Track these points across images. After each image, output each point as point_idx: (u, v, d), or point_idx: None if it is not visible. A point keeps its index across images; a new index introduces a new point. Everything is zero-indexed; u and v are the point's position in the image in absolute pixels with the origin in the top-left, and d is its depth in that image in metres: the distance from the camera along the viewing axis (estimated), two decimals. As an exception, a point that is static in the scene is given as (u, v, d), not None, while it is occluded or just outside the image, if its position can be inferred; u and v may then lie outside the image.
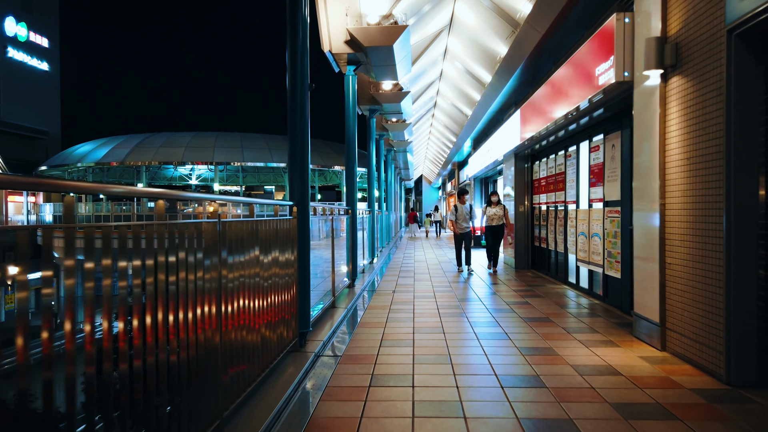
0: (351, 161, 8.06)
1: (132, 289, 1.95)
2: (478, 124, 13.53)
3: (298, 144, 4.36)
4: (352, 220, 7.88)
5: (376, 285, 8.66)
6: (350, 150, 8.05)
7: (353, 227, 7.91)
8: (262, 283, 3.34)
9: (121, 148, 34.62)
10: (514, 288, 8.15)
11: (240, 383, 2.91)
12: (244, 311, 3.00)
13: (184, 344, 2.22)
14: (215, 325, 2.54)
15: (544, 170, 9.66)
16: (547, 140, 9.15)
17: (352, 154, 8.06)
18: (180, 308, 2.17)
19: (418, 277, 9.51)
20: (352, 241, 7.86)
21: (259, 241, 3.27)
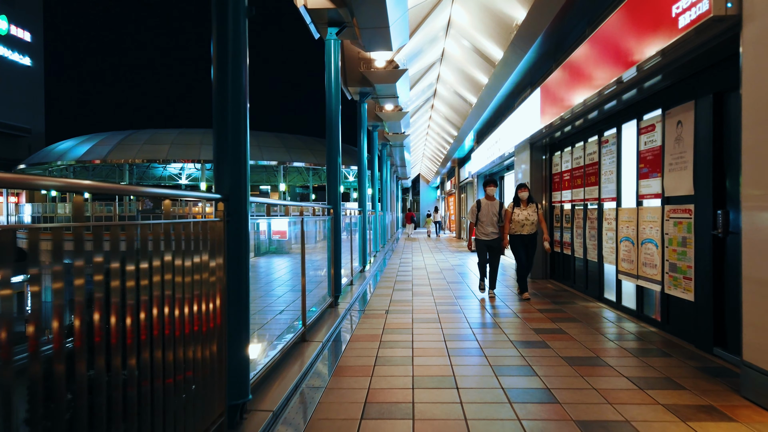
0: (333, 150, 6.44)
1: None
2: (483, 112, 11.92)
3: (230, 104, 2.75)
4: (334, 222, 6.26)
5: (366, 301, 7.05)
6: (332, 134, 6.43)
7: (336, 231, 6.29)
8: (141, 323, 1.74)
9: (102, 145, 32.89)
10: (538, 306, 6.55)
11: None
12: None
13: None
14: None
15: (567, 162, 8.06)
16: (572, 125, 7.57)
17: (335, 140, 6.44)
18: None
19: (417, 290, 7.90)
20: (334, 249, 6.24)
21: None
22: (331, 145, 6.42)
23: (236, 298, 2.72)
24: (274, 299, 5.76)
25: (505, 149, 10.74)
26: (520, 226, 7.07)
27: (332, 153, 6.42)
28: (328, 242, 6.26)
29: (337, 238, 6.30)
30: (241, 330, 2.76)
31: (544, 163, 9.14)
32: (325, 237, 6.34)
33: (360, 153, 10.05)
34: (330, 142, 6.42)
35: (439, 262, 12.46)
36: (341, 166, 6.43)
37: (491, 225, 7.17)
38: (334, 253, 6.24)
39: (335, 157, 6.46)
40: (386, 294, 7.62)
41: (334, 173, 6.45)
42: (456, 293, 7.68)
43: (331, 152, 6.43)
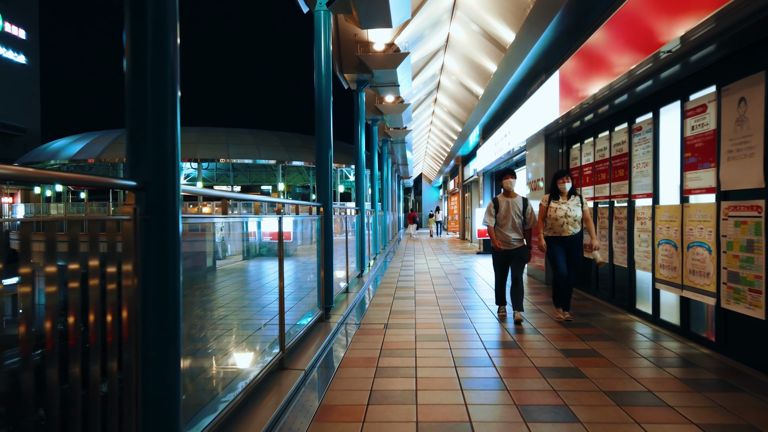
0: (323, 140, 5.57)
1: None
2: (491, 105, 11.05)
3: (150, 43, 1.88)
4: (324, 222, 5.40)
5: (363, 312, 6.19)
6: (322, 122, 5.56)
7: (326, 233, 5.43)
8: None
9: (97, 143, 32.08)
10: (535, 301, 5.68)
11: None
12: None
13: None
14: None
15: (588, 155, 7.19)
16: (594, 113, 6.70)
17: (325, 128, 5.57)
18: None
19: (420, 299, 7.04)
20: (324, 254, 5.38)
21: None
22: (321, 134, 5.56)
23: (159, 329, 1.86)
24: (252, 314, 4.92)
25: (515, 143, 9.87)
26: (560, 225, 5.50)
27: (323, 144, 5.56)
28: (318, 245, 5.40)
29: (328, 241, 5.44)
30: (166, 371, 1.89)
31: (560, 157, 8.26)
32: (316, 239, 5.48)
33: (357, 147, 9.19)
34: (320, 132, 5.56)
35: (443, 265, 11.59)
36: (332, 162, 5.57)
37: (513, 229, 5.62)
38: (325, 258, 5.38)
39: (326, 150, 5.60)
40: (386, 303, 6.76)
41: (325, 167, 5.59)
42: (464, 302, 6.81)
43: (322, 143, 5.57)
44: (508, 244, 5.68)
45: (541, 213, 5.75)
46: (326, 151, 5.56)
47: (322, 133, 5.54)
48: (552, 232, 5.61)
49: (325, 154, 5.55)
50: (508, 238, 5.67)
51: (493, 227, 5.76)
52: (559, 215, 5.55)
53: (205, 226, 5.86)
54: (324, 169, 5.54)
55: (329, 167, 5.57)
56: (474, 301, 6.92)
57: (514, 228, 5.65)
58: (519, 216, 5.67)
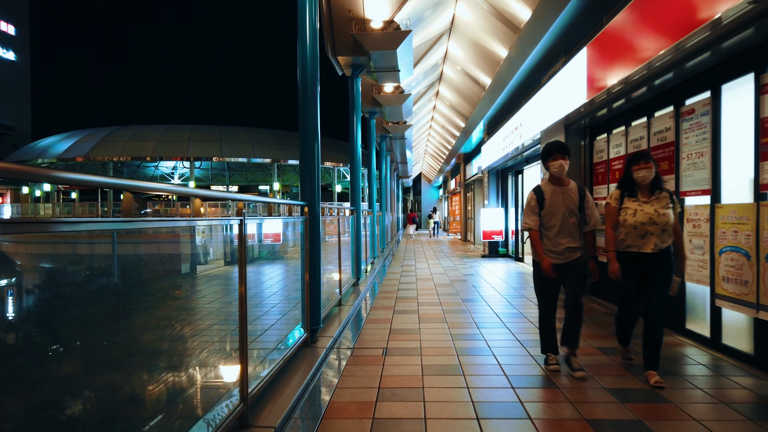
0: (309, 126, 4.57)
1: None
2: (499, 95, 10.07)
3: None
4: (309, 225, 4.41)
5: (358, 331, 5.21)
6: (307, 103, 4.56)
7: (312, 238, 4.44)
8: None
9: (85, 141, 31.06)
10: (594, 341, 4.71)
11: None
12: None
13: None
14: None
15: (619, 145, 6.22)
16: (627, 97, 5.75)
17: (311, 112, 4.57)
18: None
19: (425, 313, 6.06)
20: (309, 264, 4.40)
21: None
22: (307, 122, 4.57)
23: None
24: (208, 345, 3.92)
25: (527, 136, 8.90)
26: (639, 236, 3.64)
27: (308, 133, 4.57)
28: (301, 253, 4.41)
29: (314, 248, 4.46)
30: None
31: (582, 151, 7.30)
32: (301, 245, 4.50)
33: (353, 140, 8.21)
34: (305, 119, 4.57)
35: (447, 270, 10.61)
36: (319, 155, 4.59)
37: (566, 232, 3.82)
38: (311, 269, 4.40)
39: (312, 140, 4.60)
40: (385, 318, 5.78)
41: (311, 160, 4.60)
42: (476, 317, 5.83)
43: (307, 132, 4.58)
44: (560, 255, 3.84)
45: (611, 217, 3.86)
46: (312, 141, 4.57)
47: (307, 121, 4.56)
48: (626, 246, 3.73)
49: (310, 146, 4.56)
50: (559, 245, 3.83)
51: (537, 231, 3.89)
52: (640, 221, 3.63)
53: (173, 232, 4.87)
54: (309, 162, 4.56)
55: (315, 160, 4.59)
56: (487, 315, 5.95)
57: (567, 231, 3.82)
58: (575, 213, 3.84)
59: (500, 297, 7.21)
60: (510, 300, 6.94)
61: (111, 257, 2.76)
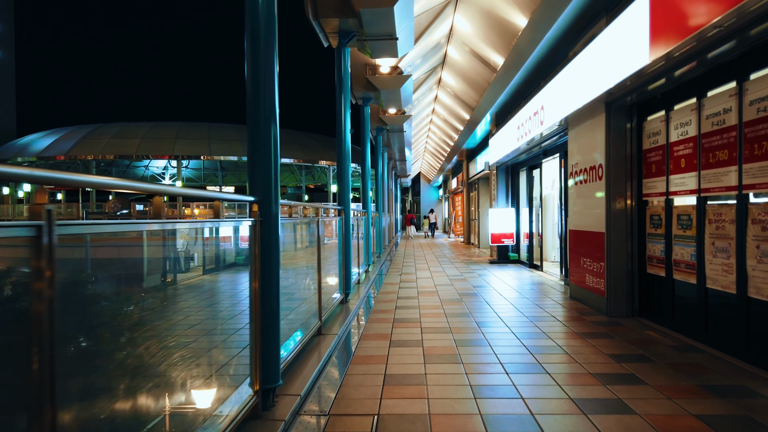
0: (261, 85, 3.04)
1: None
2: (515, 74, 8.56)
3: None
4: (260, 230, 2.90)
5: (338, 382, 3.70)
6: (260, 55, 3.04)
7: (264, 251, 2.92)
8: None
9: (67, 139, 29.47)
10: (693, 407, 3.20)
11: None
12: None
13: None
14: None
15: (687, 124, 4.74)
16: (700, 58, 4.26)
17: (264, 44, 3.04)
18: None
19: (430, 348, 4.55)
20: (260, 290, 2.89)
21: None
22: (258, 71, 3.04)
23: None
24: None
25: (551, 121, 7.40)
26: None
27: (259, 93, 3.04)
28: (249, 276, 2.90)
29: (267, 265, 2.94)
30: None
31: (629, 135, 5.81)
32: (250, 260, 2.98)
33: (340, 125, 6.68)
34: (255, 67, 3.04)
35: (453, 280, 9.11)
36: (276, 136, 3.07)
37: None
38: (261, 297, 2.89)
39: (267, 114, 3.07)
40: (378, 357, 4.28)
41: (267, 143, 3.06)
42: (501, 352, 4.33)
43: (258, 92, 3.05)
44: None
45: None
46: (268, 116, 3.05)
47: (259, 75, 3.04)
48: None
49: (266, 123, 3.04)
50: None
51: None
52: None
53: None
54: (263, 140, 3.04)
55: (271, 138, 3.06)
56: (514, 350, 4.43)
57: None
58: None
59: (526, 321, 5.70)
60: (540, 326, 5.44)
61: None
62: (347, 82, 6.74)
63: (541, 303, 6.74)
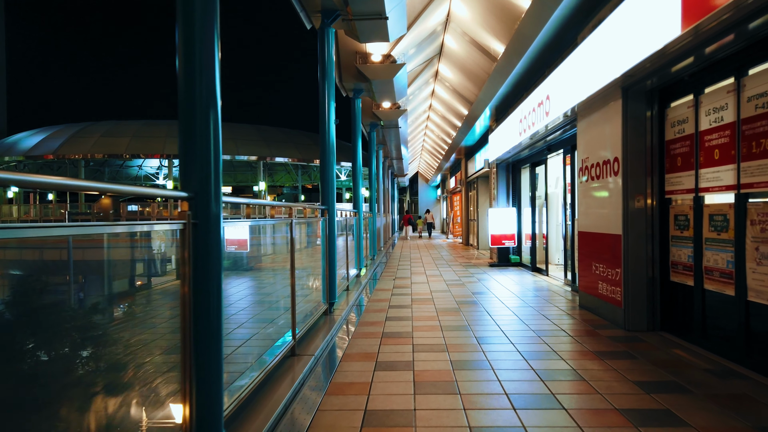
0: (193, 44, 2.35)
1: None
2: (518, 62, 7.86)
3: None
4: (191, 239, 2.20)
5: (306, 427, 3.01)
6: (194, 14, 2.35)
7: (199, 263, 2.23)
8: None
9: (55, 137, 28.71)
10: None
11: None
12: None
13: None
14: None
15: (724, 109, 4.05)
16: (738, 30, 3.58)
17: (195, 15, 2.35)
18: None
19: (422, 373, 3.86)
20: (191, 321, 2.19)
21: None
22: (191, 37, 2.34)
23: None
24: None
25: (557, 112, 6.72)
26: None
27: (193, 61, 2.34)
28: (181, 302, 2.20)
29: (204, 286, 2.25)
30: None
31: (649, 124, 5.12)
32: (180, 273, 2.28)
33: (323, 112, 5.98)
34: (188, 33, 2.34)
35: (450, 286, 8.42)
36: (216, 111, 2.33)
37: None
38: (193, 331, 2.19)
39: (208, 77, 2.38)
40: (361, 383, 3.59)
41: (205, 118, 2.36)
42: (505, 378, 3.64)
43: (192, 59, 2.34)
44: None
45: None
46: (206, 94, 2.35)
47: (193, 40, 2.34)
48: None
49: (203, 101, 2.33)
50: None
51: None
52: None
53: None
54: (199, 130, 2.33)
55: (211, 126, 2.36)
56: (522, 374, 3.74)
57: None
58: None
59: (533, 336, 5.01)
60: (549, 342, 4.75)
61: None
62: (331, 68, 6.04)
63: (548, 313, 6.05)
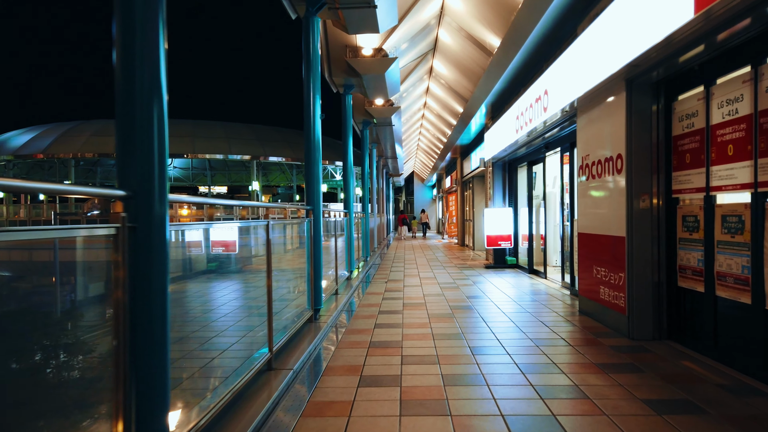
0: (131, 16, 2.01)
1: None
2: (515, 56, 7.53)
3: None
4: (126, 245, 1.85)
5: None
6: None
7: (133, 285, 1.87)
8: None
9: (45, 136, 28.22)
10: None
11: None
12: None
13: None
14: None
15: (739, 100, 3.73)
16: (755, 13, 3.26)
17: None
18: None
19: (410, 392, 3.52)
20: (127, 357, 1.82)
21: None
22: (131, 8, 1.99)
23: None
24: None
25: (556, 107, 6.39)
26: None
27: (134, 34, 1.99)
28: (114, 325, 1.84)
29: (145, 306, 1.89)
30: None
31: (654, 119, 4.79)
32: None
33: (308, 107, 5.62)
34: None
35: (444, 289, 8.08)
36: (164, 92, 1.97)
37: None
38: (132, 356, 1.83)
39: (151, 58, 2.03)
40: (342, 402, 3.24)
41: (147, 107, 2.02)
42: (501, 394, 3.29)
43: (132, 30, 1.99)
44: None
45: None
46: (149, 79, 2.01)
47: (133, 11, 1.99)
48: None
49: (145, 86, 1.99)
50: None
51: None
52: None
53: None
54: (140, 120, 1.98)
55: (155, 115, 2.01)
56: (524, 397, 3.40)
57: None
58: None
59: (531, 345, 4.68)
60: (548, 353, 4.41)
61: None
62: (317, 60, 5.68)
63: (547, 319, 5.72)
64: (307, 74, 5.65)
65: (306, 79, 5.65)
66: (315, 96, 5.66)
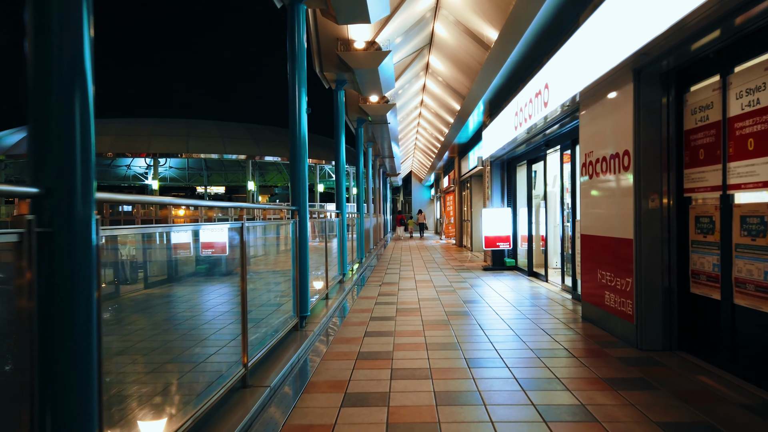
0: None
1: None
2: (513, 48, 7.18)
3: None
4: (31, 252, 1.50)
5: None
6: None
7: (50, 302, 1.52)
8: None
9: (36, 136, 27.74)
10: None
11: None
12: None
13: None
14: None
15: (762, 90, 3.38)
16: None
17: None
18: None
19: (398, 404, 3.16)
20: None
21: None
22: None
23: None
24: None
25: (558, 101, 6.04)
26: None
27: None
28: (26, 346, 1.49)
29: (68, 322, 1.54)
30: None
31: (665, 112, 4.45)
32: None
33: (293, 101, 5.27)
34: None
35: (441, 293, 7.73)
36: (90, 67, 1.60)
37: None
38: (48, 387, 1.47)
39: (75, 22, 1.72)
40: (321, 426, 2.89)
41: (70, 85, 1.67)
42: (500, 416, 2.95)
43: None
44: None
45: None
46: (74, 52, 1.67)
47: None
48: None
49: (72, 58, 1.65)
50: None
51: None
52: None
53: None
54: (63, 100, 1.63)
55: (78, 96, 1.66)
56: (526, 419, 3.05)
57: None
58: None
59: (532, 357, 4.33)
60: (551, 366, 4.07)
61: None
62: (302, 50, 5.33)
63: (548, 327, 5.37)
64: (292, 66, 5.30)
65: (291, 71, 5.30)
66: (301, 89, 5.30)
